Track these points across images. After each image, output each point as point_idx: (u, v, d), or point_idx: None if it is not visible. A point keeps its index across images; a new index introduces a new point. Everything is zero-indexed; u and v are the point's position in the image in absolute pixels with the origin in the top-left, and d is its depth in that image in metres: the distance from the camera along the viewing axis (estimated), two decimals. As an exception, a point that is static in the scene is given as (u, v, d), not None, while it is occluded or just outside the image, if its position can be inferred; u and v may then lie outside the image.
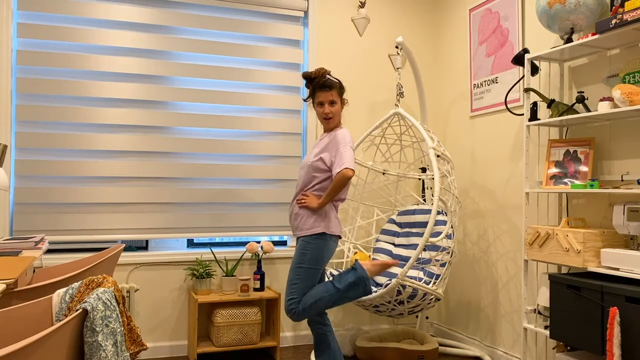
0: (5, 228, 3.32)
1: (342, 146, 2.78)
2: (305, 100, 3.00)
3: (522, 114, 3.15)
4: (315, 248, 2.79)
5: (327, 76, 2.84)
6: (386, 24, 4.22)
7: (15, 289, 2.15)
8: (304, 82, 2.88)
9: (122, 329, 1.73)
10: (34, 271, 2.85)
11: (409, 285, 3.08)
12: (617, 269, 2.40)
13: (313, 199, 2.82)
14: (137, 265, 3.58)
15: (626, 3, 2.39)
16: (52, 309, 1.91)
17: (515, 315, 3.42)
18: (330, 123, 2.87)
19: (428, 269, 3.39)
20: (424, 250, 3.34)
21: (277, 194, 3.89)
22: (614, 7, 2.52)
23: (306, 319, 2.91)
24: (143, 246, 3.78)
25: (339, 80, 2.89)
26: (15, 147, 3.37)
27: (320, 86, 2.82)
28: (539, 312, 2.92)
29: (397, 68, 3.76)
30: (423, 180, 4.04)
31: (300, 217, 2.84)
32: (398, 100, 3.71)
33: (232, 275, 3.62)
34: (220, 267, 3.70)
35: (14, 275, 1.94)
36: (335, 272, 3.46)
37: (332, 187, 2.76)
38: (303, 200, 2.83)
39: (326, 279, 3.40)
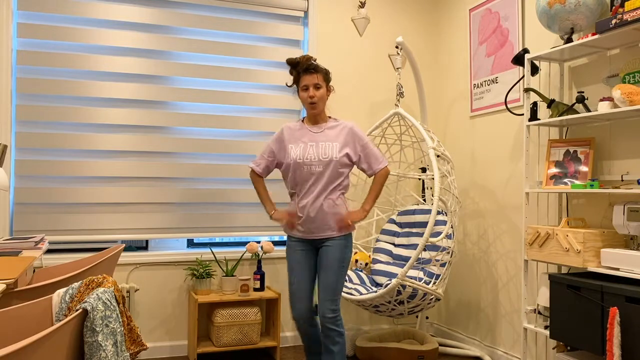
0: (5, 228, 3.32)
1: (369, 142, 2.77)
2: (289, 86, 2.82)
3: (522, 114, 3.15)
4: (351, 247, 2.78)
5: (312, 61, 2.74)
6: (386, 24, 4.22)
7: (15, 289, 2.15)
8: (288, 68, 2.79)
9: (122, 329, 1.73)
10: (34, 271, 2.84)
11: (409, 285, 3.08)
12: (617, 269, 2.40)
13: (357, 214, 2.73)
14: (137, 265, 3.58)
15: (626, 3, 2.39)
16: (52, 309, 1.91)
17: (515, 315, 3.42)
18: (315, 108, 2.71)
19: (428, 269, 3.39)
20: (424, 250, 3.34)
21: (277, 194, 3.88)
22: (614, 7, 2.52)
23: (300, 324, 2.79)
24: (143, 246, 3.78)
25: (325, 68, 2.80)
26: (15, 147, 3.37)
27: (305, 69, 2.69)
28: (539, 312, 2.92)
29: (397, 68, 3.76)
30: (423, 180, 4.04)
31: (334, 216, 2.72)
32: (398, 100, 3.71)
33: (232, 275, 3.62)
34: (220, 267, 3.70)
35: (14, 275, 1.94)
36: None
37: (379, 187, 2.74)
38: (353, 222, 2.71)
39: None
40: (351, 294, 3.25)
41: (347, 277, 3.53)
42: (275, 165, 2.84)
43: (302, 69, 2.70)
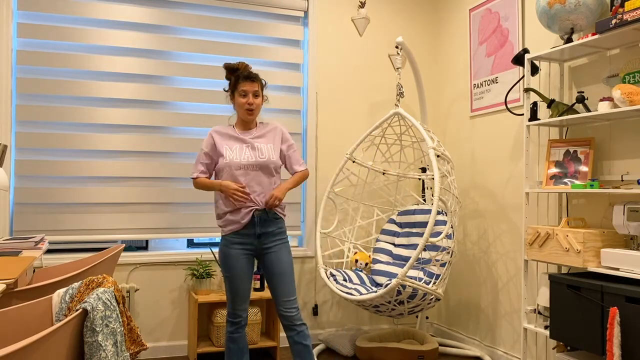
0: (5, 228, 3.32)
1: (294, 145, 2.87)
2: (226, 91, 2.84)
3: (522, 114, 3.15)
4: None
5: (251, 70, 2.80)
6: (386, 24, 4.22)
7: (15, 289, 2.15)
8: (225, 72, 2.80)
9: (122, 329, 1.73)
10: (34, 271, 2.85)
11: (409, 285, 3.08)
12: (617, 269, 2.40)
13: (278, 191, 2.71)
14: (137, 265, 3.58)
15: (626, 3, 2.39)
16: (52, 309, 1.91)
17: (515, 315, 3.42)
18: (252, 114, 2.75)
19: (428, 269, 3.39)
20: (424, 250, 3.34)
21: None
22: (614, 7, 2.52)
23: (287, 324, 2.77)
24: (143, 246, 3.78)
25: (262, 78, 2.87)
26: (15, 147, 3.37)
27: (245, 77, 2.73)
28: (539, 312, 2.92)
29: (397, 68, 3.76)
30: (423, 180, 4.04)
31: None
32: (398, 100, 3.70)
33: (232, 275, 3.61)
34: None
35: (14, 275, 1.94)
36: (334, 272, 3.46)
37: (297, 181, 2.81)
38: (276, 202, 2.69)
39: (327, 277, 3.40)
40: (351, 294, 3.24)
41: (347, 277, 3.53)
42: (213, 167, 2.79)
43: (242, 75, 2.75)
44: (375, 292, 3.16)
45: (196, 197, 3.71)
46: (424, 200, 4.00)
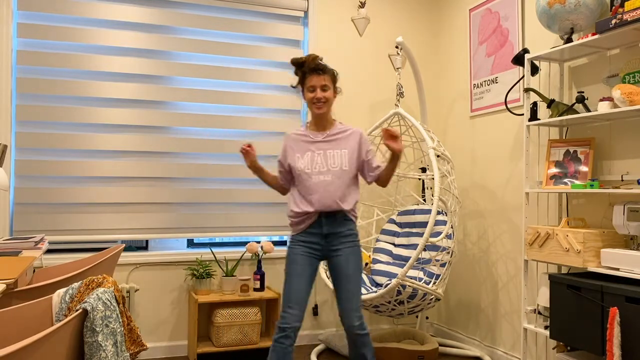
0: (5, 228, 3.32)
1: (373, 151, 2.64)
2: (293, 87, 2.66)
3: (522, 114, 3.15)
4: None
5: (319, 61, 2.59)
6: (386, 24, 4.22)
7: (15, 289, 2.15)
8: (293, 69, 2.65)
9: (122, 329, 1.73)
10: (34, 271, 2.85)
11: (409, 285, 3.08)
12: (617, 269, 2.40)
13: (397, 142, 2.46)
14: (137, 265, 3.58)
15: (626, 3, 2.39)
16: (52, 309, 1.91)
17: (515, 315, 3.42)
18: (322, 109, 2.54)
19: (428, 269, 3.39)
20: (424, 250, 3.34)
21: (277, 194, 3.88)
22: (614, 7, 2.52)
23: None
24: (143, 246, 3.78)
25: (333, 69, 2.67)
26: (15, 147, 3.37)
27: (312, 70, 2.54)
28: (539, 312, 2.91)
29: (397, 68, 3.76)
30: (423, 180, 4.04)
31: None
32: (398, 100, 3.71)
33: (232, 276, 3.62)
34: (220, 267, 3.70)
35: (14, 275, 1.94)
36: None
37: (394, 169, 2.56)
38: (398, 144, 2.43)
39: (327, 277, 3.39)
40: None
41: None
42: (288, 174, 2.67)
43: (308, 69, 2.56)
44: (375, 292, 3.16)
45: (196, 197, 3.71)
46: (424, 200, 4.00)
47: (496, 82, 3.62)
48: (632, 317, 2.22)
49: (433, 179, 3.73)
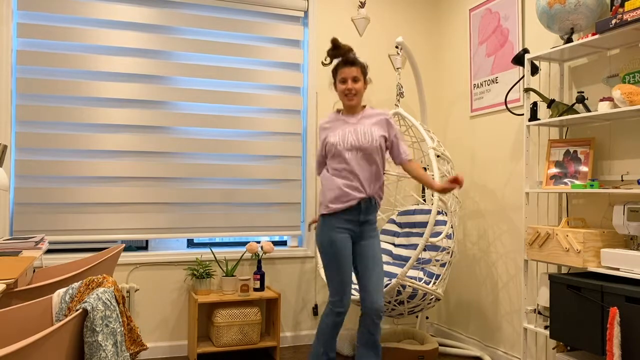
0: (5, 228, 3.32)
1: (400, 135, 2.78)
2: (324, 65, 2.81)
3: (522, 114, 3.15)
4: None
5: (351, 54, 2.75)
6: (386, 24, 4.22)
7: (15, 289, 2.15)
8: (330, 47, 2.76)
9: (122, 329, 1.73)
10: (34, 271, 2.85)
11: (409, 285, 3.08)
12: (617, 269, 2.40)
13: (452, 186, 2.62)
14: (137, 265, 3.58)
15: (626, 3, 2.39)
16: (52, 309, 1.91)
17: (515, 315, 3.42)
18: (353, 100, 2.71)
19: (428, 269, 3.39)
20: (424, 250, 3.34)
21: (277, 194, 3.89)
22: (614, 7, 2.52)
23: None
24: (143, 246, 3.78)
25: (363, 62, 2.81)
26: (15, 147, 3.37)
27: (344, 62, 2.71)
28: (539, 312, 2.92)
29: (397, 68, 3.76)
30: (423, 180, 4.04)
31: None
32: (398, 100, 3.71)
33: (232, 275, 3.62)
34: (220, 267, 3.70)
35: (14, 275, 1.94)
36: None
37: (421, 170, 2.75)
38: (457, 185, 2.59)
39: None
40: (351, 294, 3.24)
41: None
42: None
43: (340, 59, 2.73)
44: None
45: (196, 197, 3.71)
46: (424, 200, 4.00)
47: (496, 82, 3.62)
48: (632, 317, 2.22)
49: (433, 179, 3.73)
